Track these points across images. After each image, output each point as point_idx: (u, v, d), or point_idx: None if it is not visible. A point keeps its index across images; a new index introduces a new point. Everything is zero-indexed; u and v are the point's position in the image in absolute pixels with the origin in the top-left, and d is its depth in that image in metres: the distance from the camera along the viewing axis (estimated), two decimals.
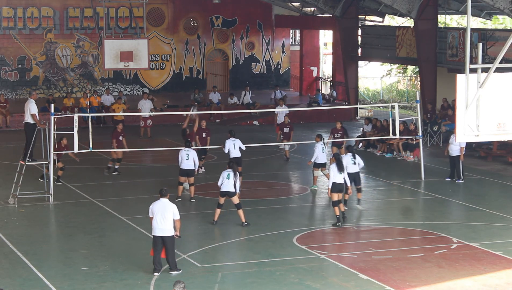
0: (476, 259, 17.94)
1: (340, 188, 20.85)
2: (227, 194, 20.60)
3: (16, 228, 20.78)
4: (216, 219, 20.86)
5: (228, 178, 20.53)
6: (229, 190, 20.53)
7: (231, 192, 20.55)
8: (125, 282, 16.50)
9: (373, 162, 29.66)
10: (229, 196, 20.61)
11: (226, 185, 20.54)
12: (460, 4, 36.80)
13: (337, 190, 20.79)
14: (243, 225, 20.64)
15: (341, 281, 16.50)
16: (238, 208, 20.74)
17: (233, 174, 20.54)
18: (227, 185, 20.53)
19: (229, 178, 20.52)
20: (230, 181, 20.51)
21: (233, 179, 20.52)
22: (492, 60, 19.00)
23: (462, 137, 13.70)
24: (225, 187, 20.56)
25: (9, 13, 43.27)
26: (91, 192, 24.57)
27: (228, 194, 20.58)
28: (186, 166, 23.19)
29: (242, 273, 17.06)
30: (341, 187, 20.87)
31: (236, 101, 40.33)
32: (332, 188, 20.79)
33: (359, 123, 39.32)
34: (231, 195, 20.60)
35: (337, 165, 20.81)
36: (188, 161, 23.14)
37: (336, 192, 20.80)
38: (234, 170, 20.64)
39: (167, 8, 45.62)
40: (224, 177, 20.58)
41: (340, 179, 20.79)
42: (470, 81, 13.44)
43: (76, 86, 44.38)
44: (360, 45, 41.62)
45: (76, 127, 23.17)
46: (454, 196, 24.45)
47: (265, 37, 47.46)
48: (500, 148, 30.39)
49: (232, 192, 20.55)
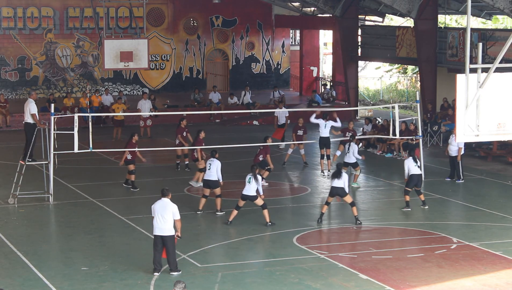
0: (476, 259, 17.94)
1: (338, 192, 21.00)
2: (248, 198, 20.71)
3: (16, 228, 20.78)
4: (231, 219, 20.91)
5: (250, 182, 20.65)
6: (249, 194, 20.65)
7: (252, 196, 20.66)
8: (125, 282, 16.50)
9: (373, 162, 29.67)
10: (251, 200, 20.76)
11: (247, 189, 20.65)
12: (460, 4, 36.81)
13: (334, 193, 21.04)
14: (266, 225, 20.69)
15: (341, 281, 16.50)
16: (263, 208, 20.87)
17: (254, 178, 20.58)
18: (248, 189, 20.63)
19: (250, 182, 20.64)
20: (252, 185, 20.61)
21: (255, 183, 20.59)
22: (492, 60, 19.00)
23: (462, 137, 13.70)
24: (246, 191, 20.67)
25: (9, 13, 43.27)
26: (91, 192, 24.57)
27: (249, 198, 20.72)
28: (207, 177, 21.93)
29: (242, 273, 17.06)
30: (339, 191, 20.99)
31: (236, 101, 40.33)
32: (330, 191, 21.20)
33: (359, 123, 39.31)
34: (252, 199, 20.74)
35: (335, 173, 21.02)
36: (210, 171, 21.84)
37: (332, 196, 21.13)
38: (254, 174, 20.66)
39: (167, 8, 45.62)
40: (246, 181, 20.74)
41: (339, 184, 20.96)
42: (470, 81, 13.44)
43: (76, 86, 44.38)
44: (360, 45, 41.62)
45: (76, 127, 23.17)
46: (454, 196, 24.46)
47: (265, 37, 47.46)
48: (500, 148, 30.39)
49: (253, 196, 20.65)
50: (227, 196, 24.45)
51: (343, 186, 20.87)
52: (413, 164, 22.54)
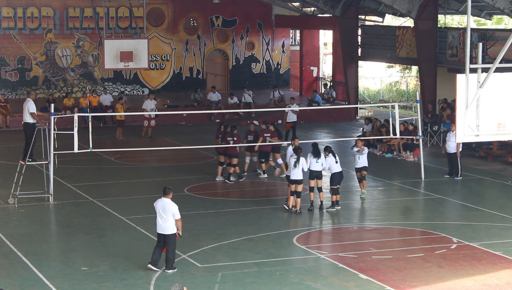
0: (476, 259, 17.94)
1: (316, 175, 21.72)
2: (296, 182, 21.04)
3: (16, 228, 20.78)
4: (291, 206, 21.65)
5: (296, 166, 20.96)
6: (297, 178, 20.98)
7: (300, 180, 20.98)
8: (125, 282, 16.50)
9: (373, 162, 29.64)
10: (298, 184, 21.12)
11: (295, 173, 20.95)
12: (460, 4, 36.81)
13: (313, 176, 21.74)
14: (296, 213, 21.41)
15: (341, 281, 16.50)
16: (298, 196, 21.34)
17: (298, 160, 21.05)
18: (296, 173, 20.94)
19: (296, 166, 20.95)
20: (298, 169, 20.99)
21: (301, 166, 21.01)
22: (492, 60, 19.00)
23: (462, 137, 13.71)
24: (294, 176, 20.99)
25: (9, 13, 43.26)
26: (91, 192, 24.56)
27: (297, 182, 20.97)
28: (294, 176, 21.43)
29: (242, 273, 17.06)
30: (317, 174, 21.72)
31: (236, 101, 40.31)
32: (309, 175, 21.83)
33: (359, 123, 39.32)
34: (299, 183, 21.14)
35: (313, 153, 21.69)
36: (297, 169, 21.36)
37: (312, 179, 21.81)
38: (298, 156, 21.05)
39: (167, 8, 45.62)
40: (291, 165, 21.08)
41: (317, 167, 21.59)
42: (470, 81, 13.46)
43: (76, 86, 44.38)
44: (360, 45, 41.60)
45: (76, 127, 23.16)
46: (454, 196, 24.45)
47: (265, 37, 47.46)
48: (500, 148, 30.39)
49: (300, 180, 20.97)
50: (227, 196, 24.49)
51: (320, 169, 21.55)
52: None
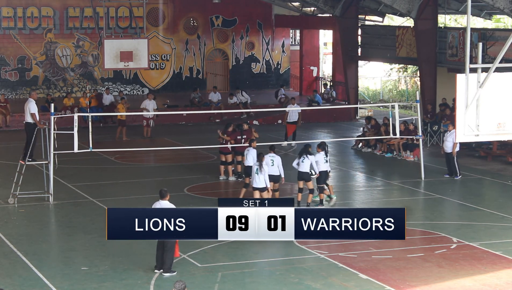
0: (476, 259, 17.94)
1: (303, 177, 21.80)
2: (259, 189, 20.99)
3: (16, 228, 20.78)
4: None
5: (303, 161, 21.34)
6: (260, 186, 20.96)
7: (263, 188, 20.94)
8: (125, 282, 16.50)
9: (373, 162, 29.67)
10: (305, 180, 21.37)
11: (257, 181, 20.94)
12: (460, 4, 36.81)
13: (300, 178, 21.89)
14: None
15: (341, 281, 16.50)
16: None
17: (307, 157, 21.37)
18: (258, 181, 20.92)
19: (304, 161, 21.33)
20: (305, 164, 21.32)
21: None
22: (492, 60, 19.00)
23: (462, 137, 13.71)
24: (256, 184, 21.00)
25: (9, 13, 43.27)
26: (91, 192, 24.56)
27: (260, 190, 20.94)
28: (271, 172, 21.55)
29: (242, 273, 17.06)
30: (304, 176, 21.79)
31: (236, 101, 40.32)
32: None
33: (359, 123, 39.32)
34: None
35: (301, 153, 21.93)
36: (273, 167, 21.71)
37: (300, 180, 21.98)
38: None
39: (167, 8, 45.61)
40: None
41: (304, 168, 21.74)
42: (470, 81, 13.46)
43: (76, 86, 44.39)
44: (360, 45, 41.61)
45: (76, 127, 23.16)
46: (454, 196, 24.46)
47: (265, 37, 47.46)
48: (500, 148, 30.38)
49: (263, 188, 20.93)
50: (227, 196, 24.47)
51: (308, 171, 21.68)
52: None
